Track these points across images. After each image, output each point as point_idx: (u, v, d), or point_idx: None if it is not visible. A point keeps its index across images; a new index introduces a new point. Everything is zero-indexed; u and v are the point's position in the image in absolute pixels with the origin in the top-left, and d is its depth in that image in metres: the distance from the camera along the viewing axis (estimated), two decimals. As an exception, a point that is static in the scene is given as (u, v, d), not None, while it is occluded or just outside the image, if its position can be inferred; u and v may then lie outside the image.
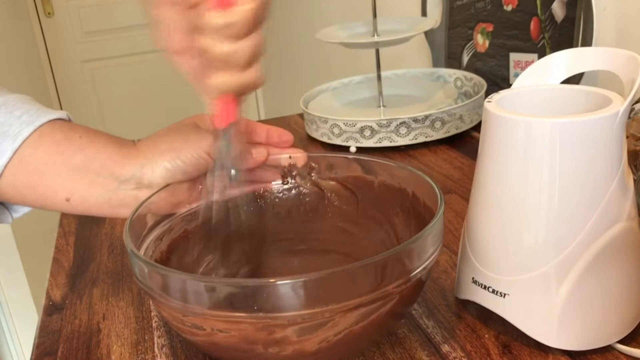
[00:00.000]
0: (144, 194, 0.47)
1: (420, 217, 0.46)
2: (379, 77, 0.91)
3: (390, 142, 0.81)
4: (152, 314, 0.51)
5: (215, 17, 0.41)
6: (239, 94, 0.44)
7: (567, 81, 0.45)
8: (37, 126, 0.47)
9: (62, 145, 0.48)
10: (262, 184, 0.54)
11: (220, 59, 0.42)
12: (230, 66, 0.43)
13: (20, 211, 0.54)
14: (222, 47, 0.42)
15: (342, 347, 0.38)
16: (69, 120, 0.52)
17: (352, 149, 0.81)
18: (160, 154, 0.48)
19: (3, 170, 0.47)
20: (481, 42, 0.93)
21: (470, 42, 0.96)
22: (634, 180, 0.42)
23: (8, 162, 0.47)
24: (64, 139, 0.49)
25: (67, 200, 0.49)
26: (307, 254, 0.51)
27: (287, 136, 0.54)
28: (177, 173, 0.48)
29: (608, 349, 0.42)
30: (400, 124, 0.80)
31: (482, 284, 0.44)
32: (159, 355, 0.46)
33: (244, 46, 0.42)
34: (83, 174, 0.48)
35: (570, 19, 0.75)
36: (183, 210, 0.50)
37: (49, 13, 2.67)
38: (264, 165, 0.52)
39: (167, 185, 0.48)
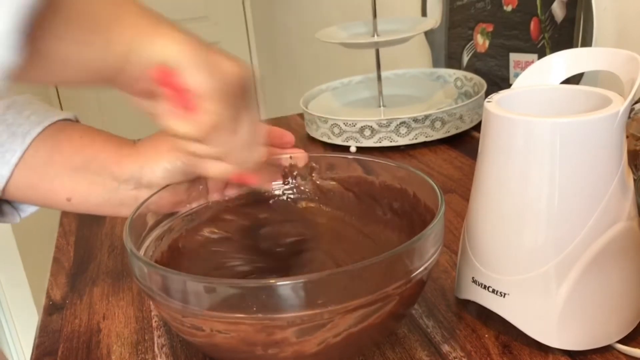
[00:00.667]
0: (143, 194, 0.47)
1: (420, 217, 0.46)
2: (379, 77, 0.91)
3: (391, 141, 0.81)
4: (152, 313, 0.51)
5: (175, 125, 0.38)
6: (241, 171, 0.42)
7: (567, 81, 0.45)
8: (45, 126, 0.48)
9: (63, 146, 0.48)
10: (262, 184, 0.54)
11: (197, 156, 0.40)
12: (209, 159, 0.41)
13: (27, 210, 0.54)
14: (195, 147, 0.40)
15: (342, 349, 0.38)
16: (76, 121, 0.52)
17: (352, 149, 0.81)
18: (159, 155, 0.48)
19: (13, 170, 0.47)
20: (481, 42, 0.93)
21: (470, 42, 0.96)
22: (634, 180, 0.42)
23: (18, 161, 0.47)
24: (65, 140, 0.49)
25: (68, 200, 0.49)
26: (306, 254, 0.51)
27: (289, 137, 0.54)
28: (177, 174, 0.48)
29: (608, 348, 0.42)
30: (400, 123, 0.80)
31: (482, 284, 0.44)
32: (159, 355, 0.46)
33: (219, 146, 0.39)
34: (83, 174, 0.48)
35: (570, 19, 0.75)
36: (183, 210, 0.50)
37: (49, 13, 2.66)
38: (264, 165, 0.52)
39: (167, 185, 0.48)
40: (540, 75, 0.45)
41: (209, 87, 0.37)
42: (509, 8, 0.86)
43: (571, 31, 0.75)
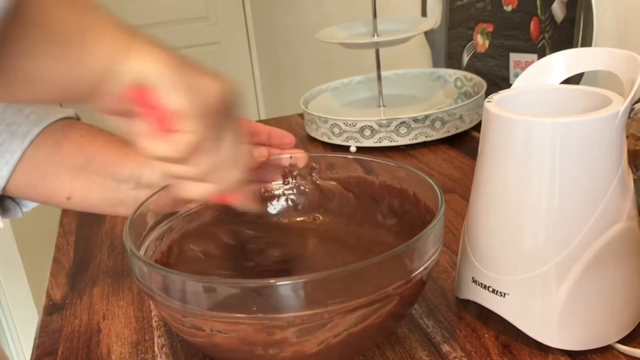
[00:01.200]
0: (143, 193, 0.47)
1: (420, 217, 0.46)
2: (379, 77, 0.91)
3: (390, 141, 0.81)
4: (152, 313, 0.51)
5: (153, 146, 0.37)
6: (223, 191, 0.40)
7: (567, 81, 0.45)
8: (44, 126, 0.48)
9: (62, 145, 0.48)
10: (262, 184, 0.54)
11: (177, 178, 0.39)
12: (190, 180, 0.39)
13: (30, 206, 0.54)
14: (174, 169, 0.38)
15: (342, 349, 0.38)
16: (77, 119, 0.52)
17: (352, 149, 0.81)
18: None
19: (13, 170, 0.47)
20: (481, 42, 0.93)
21: (470, 43, 0.96)
22: (634, 180, 0.42)
23: (18, 161, 0.47)
24: (65, 139, 0.49)
25: (68, 198, 0.49)
26: (307, 254, 0.51)
27: (289, 138, 0.53)
28: None
29: (608, 348, 0.42)
30: (400, 123, 0.80)
31: (482, 284, 0.44)
32: (159, 355, 0.46)
33: (200, 167, 0.38)
34: (83, 173, 0.48)
35: (570, 19, 0.75)
36: (183, 210, 0.50)
37: (49, 13, 2.66)
38: (264, 165, 0.52)
39: (167, 185, 0.48)
40: (540, 75, 0.45)
41: (188, 106, 0.36)
42: (509, 8, 0.86)
43: (571, 31, 0.75)
